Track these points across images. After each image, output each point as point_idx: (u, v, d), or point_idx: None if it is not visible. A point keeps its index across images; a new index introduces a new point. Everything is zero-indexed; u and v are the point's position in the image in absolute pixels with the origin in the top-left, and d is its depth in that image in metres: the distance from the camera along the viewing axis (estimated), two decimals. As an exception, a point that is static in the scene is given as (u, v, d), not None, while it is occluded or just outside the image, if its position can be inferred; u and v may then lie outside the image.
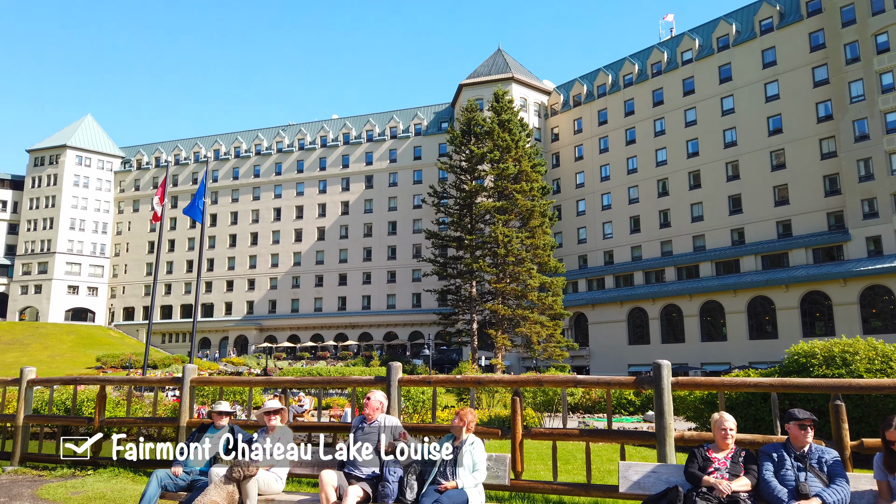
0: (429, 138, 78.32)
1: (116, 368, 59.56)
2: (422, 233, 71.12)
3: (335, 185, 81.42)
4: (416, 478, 5.78)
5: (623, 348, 58.45)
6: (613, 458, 11.01)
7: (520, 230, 51.08)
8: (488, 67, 72.75)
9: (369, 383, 7.87)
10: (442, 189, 57.78)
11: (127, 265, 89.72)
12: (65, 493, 7.42)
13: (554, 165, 69.63)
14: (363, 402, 6.31)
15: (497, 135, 51.29)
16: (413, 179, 77.90)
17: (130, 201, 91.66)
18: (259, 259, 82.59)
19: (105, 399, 9.27)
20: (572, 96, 69.82)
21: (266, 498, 5.94)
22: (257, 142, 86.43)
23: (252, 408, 9.26)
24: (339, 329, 76.47)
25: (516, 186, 50.48)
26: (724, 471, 5.21)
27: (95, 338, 78.38)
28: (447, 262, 55.23)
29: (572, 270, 63.99)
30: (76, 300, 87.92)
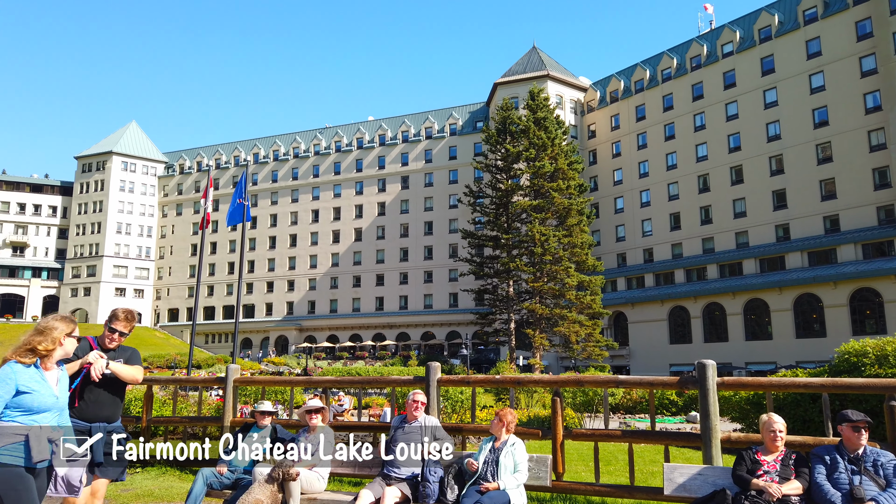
0: (464, 138, 78.31)
1: (162, 368, 61.14)
2: (458, 232, 71.14)
3: (371, 186, 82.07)
4: (457, 478, 5.76)
5: (664, 348, 57.48)
6: (656, 459, 10.82)
7: (557, 229, 50.67)
8: (523, 65, 72.38)
9: (408, 383, 7.88)
10: (478, 188, 57.68)
11: (171, 267, 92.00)
12: (114, 491, 7.61)
13: (591, 163, 68.89)
14: (405, 402, 6.32)
15: (533, 133, 50.97)
16: (449, 179, 77.99)
17: (174, 205, 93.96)
18: (298, 260, 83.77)
19: (152, 398, 9.50)
20: (609, 92, 68.95)
21: (309, 497, 6.00)
22: (295, 145, 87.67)
23: (293, 407, 9.38)
24: (376, 329, 77.03)
25: (553, 184, 50.09)
26: (773, 474, 5.07)
27: (142, 338, 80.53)
28: (484, 262, 55.11)
29: (611, 269, 63.21)
30: (123, 302, 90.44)
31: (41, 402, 3.85)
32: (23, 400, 3.79)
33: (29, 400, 3.80)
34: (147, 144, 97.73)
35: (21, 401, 3.78)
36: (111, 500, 7.25)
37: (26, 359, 3.88)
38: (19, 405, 3.78)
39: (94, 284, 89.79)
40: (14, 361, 3.85)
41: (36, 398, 3.82)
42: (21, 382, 3.80)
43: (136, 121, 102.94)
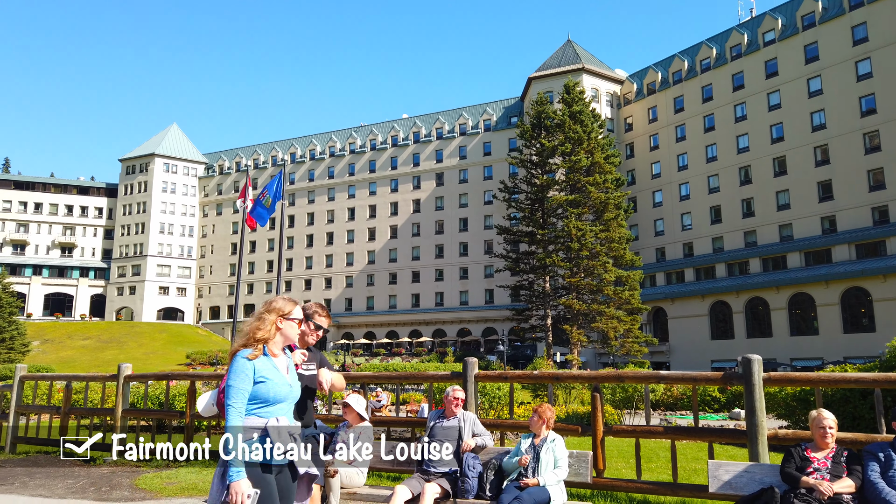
0: (498, 133, 78.00)
1: (204, 364, 62.52)
2: (493, 229, 70.94)
3: (406, 183, 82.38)
4: (496, 474, 5.73)
5: (705, 343, 56.38)
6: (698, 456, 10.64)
7: (594, 223, 50.10)
8: (557, 59, 71.69)
9: (446, 379, 7.86)
10: (512, 184, 57.37)
11: (212, 266, 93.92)
12: (160, 484, 7.80)
13: (628, 156, 67.90)
14: (443, 398, 6.31)
15: (568, 127, 50.45)
16: (483, 175, 77.80)
17: (214, 205, 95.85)
18: (335, 258, 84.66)
19: (195, 394, 9.68)
20: (646, 84, 67.81)
21: (348, 491, 6.04)
22: (331, 144, 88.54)
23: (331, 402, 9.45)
24: (413, 326, 77.37)
25: (589, 179, 49.52)
26: (824, 471, 4.91)
27: (185, 336, 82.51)
28: (519, 258, 54.82)
29: (650, 264, 62.25)
30: (166, 300, 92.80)
31: (276, 392, 3.55)
32: (258, 390, 3.50)
33: (265, 390, 3.52)
34: (188, 146, 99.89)
35: (257, 391, 3.50)
36: (157, 492, 7.43)
37: (254, 348, 3.61)
38: (255, 396, 3.50)
39: (138, 283, 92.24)
40: (245, 351, 3.58)
41: (271, 387, 3.54)
42: (258, 371, 3.53)
43: (176, 123, 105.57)
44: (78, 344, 76.86)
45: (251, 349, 3.59)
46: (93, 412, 11.08)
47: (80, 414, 11.09)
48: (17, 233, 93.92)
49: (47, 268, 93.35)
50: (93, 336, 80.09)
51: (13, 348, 61.17)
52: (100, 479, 8.29)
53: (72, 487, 7.92)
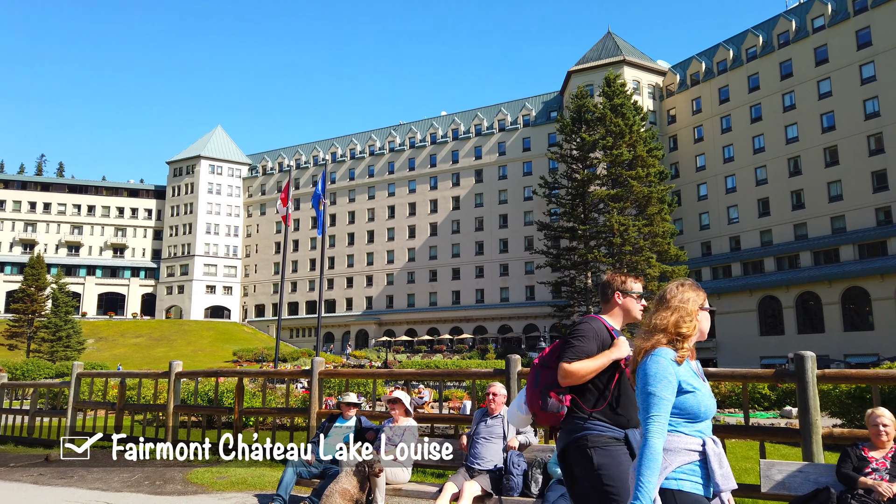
0: (538, 129, 77.44)
1: (250, 362, 63.86)
2: (533, 225, 70.49)
3: (446, 180, 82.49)
4: (542, 471, 5.70)
5: (753, 339, 54.95)
6: (748, 455, 10.41)
7: (636, 218, 49.31)
8: (598, 52, 70.72)
9: (489, 376, 7.85)
10: (553, 179, 56.86)
11: (256, 265, 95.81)
12: (211, 478, 8.00)
13: (671, 149, 66.59)
14: (487, 396, 6.30)
15: (609, 120, 49.72)
16: (523, 171, 77.36)
17: (258, 205, 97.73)
18: (376, 256, 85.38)
19: (243, 390, 9.89)
20: (689, 75, 66.34)
21: (394, 487, 6.10)
22: (370, 142, 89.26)
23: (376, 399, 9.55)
24: (453, 323, 77.50)
25: (631, 173, 48.73)
26: (883, 472, 4.75)
27: (231, 333, 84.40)
28: (560, 254, 54.34)
29: (695, 258, 60.96)
30: (213, 299, 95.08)
31: (707, 406, 2.71)
32: (685, 402, 2.69)
33: (693, 402, 2.70)
34: (232, 148, 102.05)
35: (683, 403, 2.69)
36: (208, 486, 7.62)
37: (680, 348, 2.78)
38: (681, 410, 2.68)
39: (186, 283, 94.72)
40: (667, 351, 2.74)
41: (701, 399, 2.71)
42: (681, 377, 2.70)
43: (221, 125, 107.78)
44: (130, 342, 79.39)
45: (673, 349, 2.77)
46: (146, 408, 11.43)
47: (134, 410, 11.45)
48: (71, 235, 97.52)
49: (100, 268, 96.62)
50: (144, 334, 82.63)
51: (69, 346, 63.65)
52: (153, 473, 8.55)
53: (127, 481, 8.19)
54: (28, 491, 7.79)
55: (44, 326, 64.39)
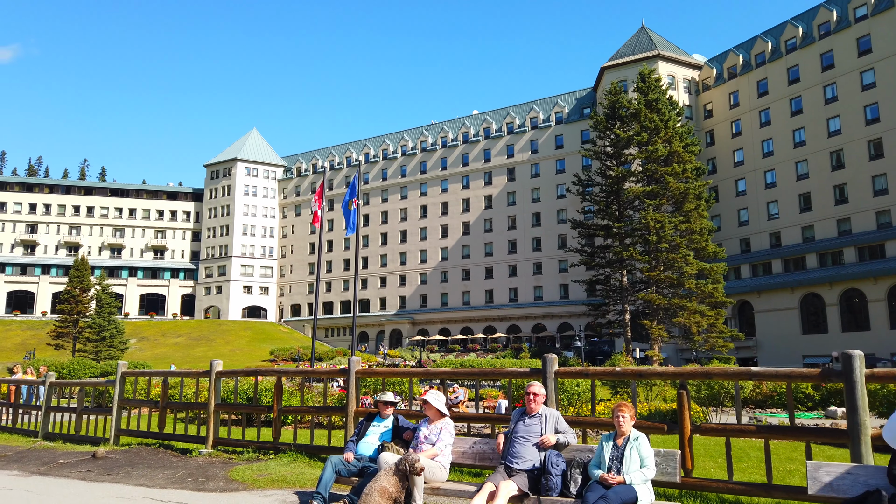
0: (570, 126, 76.79)
1: (287, 361, 64.70)
2: (567, 223, 69.94)
3: (478, 179, 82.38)
4: (581, 471, 5.64)
5: (795, 338, 53.60)
6: (792, 456, 10.16)
7: (673, 215, 48.49)
8: (631, 47, 69.79)
9: (525, 375, 7.80)
10: (586, 177, 56.29)
11: (292, 266, 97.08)
12: (252, 475, 8.13)
13: (708, 144, 65.36)
14: (524, 395, 6.27)
15: (644, 116, 48.99)
16: (556, 169, 76.81)
17: (292, 206, 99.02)
18: (409, 256, 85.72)
19: (282, 389, 10.02)
20: (726, 68, 65.01)
21: (432, 486, 6.10)
22: (403, 142, 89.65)
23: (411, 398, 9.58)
24: (487, 322, 77.36)
25: (667, 169, 47.93)
26: (938, 475, 4.57)
27: (268, 333, 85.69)
28: (595, 252, 53.77)
29: (734, 255, 59.73)
30: (250, 299, 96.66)
31: None
32: None
33: None
34: (267, 150, 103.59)
35: None
36: (249, 484, 7.74)
37: None
38: None
39: (224, 283, 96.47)
40: None
41: None
42: None
43: (256, 128, 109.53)
44: (171, 341, 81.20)
45: None
46: (188, 406, 11.66)
47: (176, 408, 11.69)
48: (113, 237, 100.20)
49: (141, 270, 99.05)
50: (184, 334, 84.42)
51: (113, 346, 65.33)
52: (196, 471, 8.72)
53: (171, 478, 8.37)
54: (77, 487, 8.02)
55: (88, 327, 66.22)
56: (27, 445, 12.19)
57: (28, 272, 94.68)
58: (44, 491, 7.72)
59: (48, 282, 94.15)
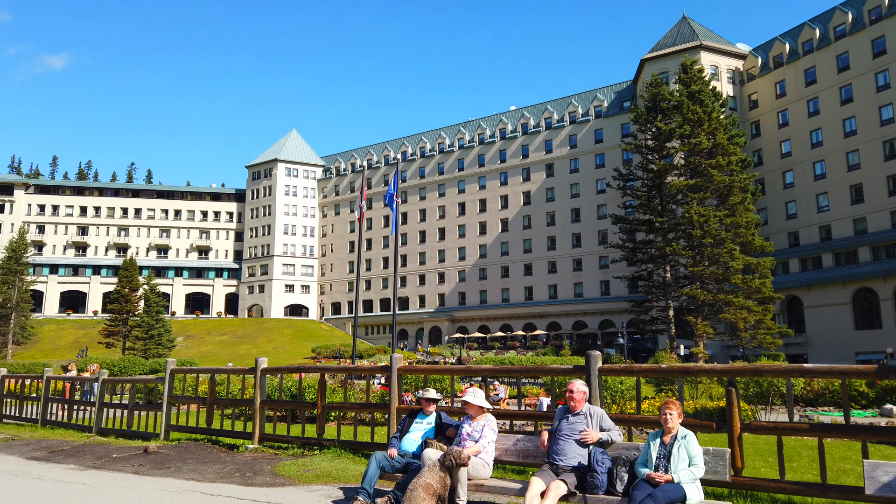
0: (610, 120, 75.77)
1: (328, 358, 65.54)
2: (607, 218, 69.06)
3: (516, 175, 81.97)
4: (627, 470, 5.55)
5: (848, 334, 51.85)
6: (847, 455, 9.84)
7: (717, 208, 47.39)
8: (672, 38, 68.45)
9: (568, 372, 7.71)
10: (627, 171, 55.46)
11: (332, 264, 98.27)
12: (297, 471, 8.25)
13: (754, 135, 63.68)
14: (566, 393, 6.20)
15: (686, 108, 48.00)
16: (595, 164, 75.90)
17: (332, 205, 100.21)
18: (447, 253, 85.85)
19: (325, 386, 10.13)
20: (772, 57, 63.20)
21: (475, 483, 6.09)
22: (440, 140, 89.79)
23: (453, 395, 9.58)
24: (526, 319, 76.96)
25: (711, 162, 46.86)
26: None
27: (310, 331, 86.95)
28: (637, 247, 52.97)
29: (782, 249, 58.08)
30: (292, 298, 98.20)
31: None
32: None
33: None
34: (306, 150, 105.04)
35: None
36: (295, 479, 7.86)
37: None
38: None
39: (266, 282, 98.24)
40: None
41: None
42: None
43: (296, 129, 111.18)
44: (216, 339, 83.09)
45: None
46: (234, 403, 11.90)
47: (223, 405, 11.94)
48: (160, 238, 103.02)
49: (187, 269, 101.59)
50: (228, 332, 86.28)
51: (161, 344, 67.17)
52: (243, 465, 8.89)
53: (220, 472, 8.55)
54: (130, 480, 8.26)
55: (137, 325, 68.19)
56: (82, 440, 12.61)
57: (80, 273, 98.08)
58: (99, 484, 7.97)
59: (99, 282, 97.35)
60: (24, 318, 74.40)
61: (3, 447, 12.20)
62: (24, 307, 74.23)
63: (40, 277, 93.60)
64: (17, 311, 72.77)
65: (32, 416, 16.32)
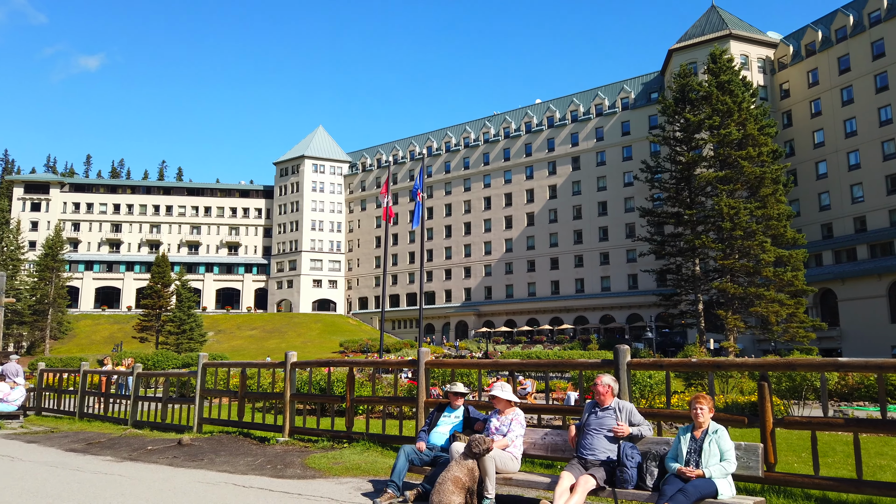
0: (637, 111, 74.85)
1: (356, 352, 66.05)
2: (634, 211, 68.31)
3: (542, 169, 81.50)
4: (657, 464, 5.52)
5: (883, 328, 50.64)
6: (883, 451, 9.67)
7: (748, 200, 46.58)
8: (701, 27, 67.31)
9: (596, 367, 7.68)
10: (655, 163, 54.75)
11: (359, 259, 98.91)
12: (327, 463, 8.36)
13: (785, 125, 62.39)
14: (592, 387, 6.18)
15: (716, 98, 47.19)
16: (622, 156, 75.10)
17: (358, 201, 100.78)
18: (473, 247, 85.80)
19: (354, 380, 10.24)
20: (804, 45, 61.79)
21: (504, 476, 6.11)
22: (465, 134, 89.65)
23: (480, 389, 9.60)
24: (553, 313, 76.59)
25: (741, 153, 46.03)
26: None
27: (337, 325, 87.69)
28: (665, 240, 52.33)
29: (814, 241, 56.89)
30: (320, 292, 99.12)
31: None
32: None
33: None
34: (333, 146, 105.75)
35: None
36: (325, 471, 7.96)
37: None
38: None
39: (294, 277, 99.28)
40: None
41: None
42: None
43: (322, 125, 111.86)
44: (245, 334, 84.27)
45: None
46: (265, 396, 12.07)
47: (254, 398, 12.13)
48: (191, 234, 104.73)
49: (217, 265, 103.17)
50: (258, 327, 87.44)
51: (192, 338, 68.37)
52: (274, 458, 9.04)
53: (251, 465, 8.70)
54: (165, 472, 8.45)
55: (170, 320, 69.51)
56: (118, 433, 12.92)
57: (114, 269, 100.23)
58: (135, 476, 8.17)
59: (132, 278, 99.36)
60: (60, 313, 76.37)
61: (42, 439, 12.57)
62: (60, 303, 76.19)
63: (76, 274, 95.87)
64: (54, 306, 74.70)
65: (70, 409, 16.76)
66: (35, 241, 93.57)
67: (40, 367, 19.30)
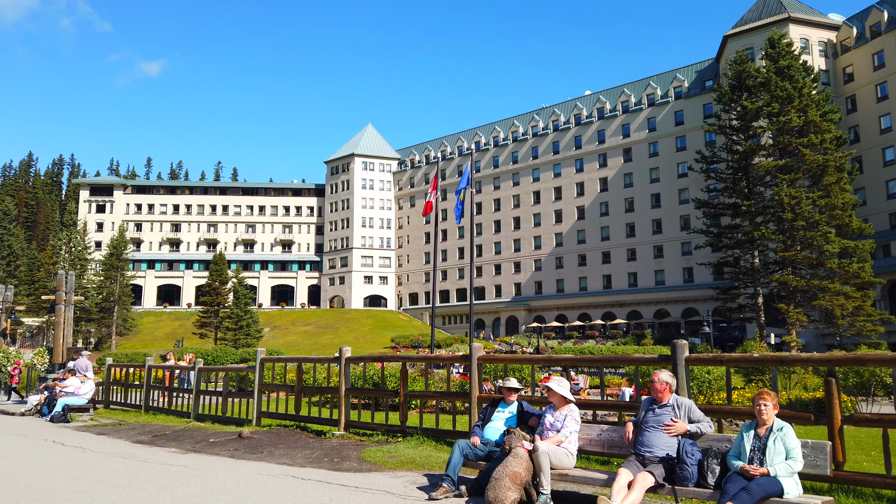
0: (691, 101, 72.90)
1: (407, 347, 66.58)
2: (689, 203, 66.59)
3: (592, 162, 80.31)
4: (719, 462, 5.38)
5: (959, 321, 47.99)
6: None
7: (810, 189, 44.83)
8: (757, 12, 65.01)
9: (653, 362, 7.52)
10: (710, 153, 53.24)
11: (409, 255, 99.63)
12: (383, 457, 8.46)
13: (850, 111, 59.74)
14: (649, 384, 6.06)
15: (774, 84, 45.52)
16: (675, 147, 73.29)
17: (407, 198, 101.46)
18: (523, 242, 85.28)
19: (407, 375, 10.33)
20: (868, 27, 58.98)
21: (559, 472, 6.06)
22: (513, 129, 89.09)
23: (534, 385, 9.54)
24: (605, 308, 75.47)
25: (802, 140, 44.30)
26: None
27: (388, 321, 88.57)
28: (722, 232, 50.87)
29: (882, 231, 54.36)
30: (371, 289, 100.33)
31: None
32: None
33: None
34: (382, 144, 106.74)
35: None
36: (380, 465, 8.06)
37: None
38: None
39: (346, 274, 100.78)
40: None
41: None
42: None
43: (371, 123, 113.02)
44: (300, 329, 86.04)
45: None
46: (320, 391, 12.30)
47: (310, 392, 12.36)
48: (246, 233, 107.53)
49: (272, 263, 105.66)
50: (311, 322, 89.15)
51: (249, 334, 70.22)
52: (331, 451, 9.20)
53: (309, 457, 8.89)
54: (227, 464, 8.71)
55: (227, 317, 71.57)
56: (181, 426, 13.38)
57: (174, 268, 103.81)
58: (199, 467, 8.45)
59: (191, 276, 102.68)
60: (125, 310, 79.68)
61: (111, 431, 13.13)
62: (125, 301, 79.48)
63: (139, 272, 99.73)
64: (119, 304, 77.95)
65: (136, 403, 17.45)
66: (101, 242, 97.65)
67: (108, 362, 20.15)
